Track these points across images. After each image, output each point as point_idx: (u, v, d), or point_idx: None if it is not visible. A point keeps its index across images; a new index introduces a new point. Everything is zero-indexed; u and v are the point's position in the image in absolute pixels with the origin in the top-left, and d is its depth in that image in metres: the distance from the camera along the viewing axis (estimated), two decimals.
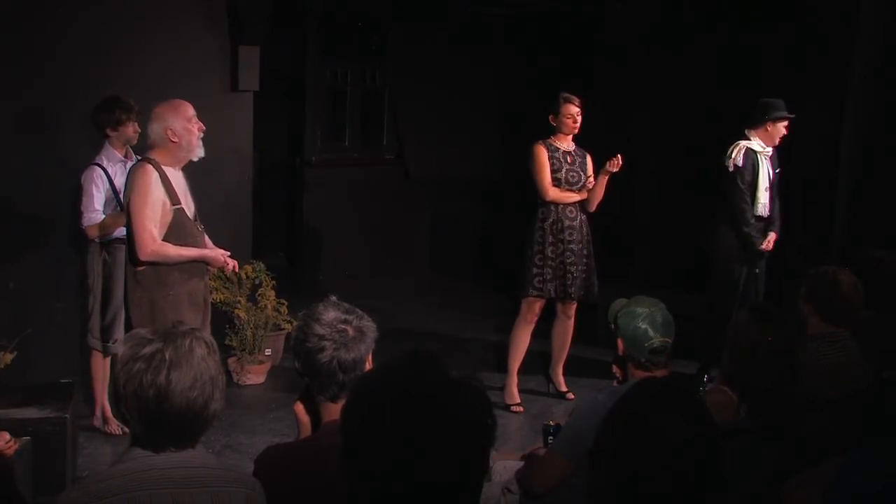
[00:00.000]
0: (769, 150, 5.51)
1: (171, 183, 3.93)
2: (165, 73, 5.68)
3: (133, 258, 3.94)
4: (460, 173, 8.94)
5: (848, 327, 3.42)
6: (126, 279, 4.07)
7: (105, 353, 4.83)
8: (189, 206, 4.05)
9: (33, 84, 5.23)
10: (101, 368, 4.85)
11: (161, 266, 3.91)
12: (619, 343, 2.91)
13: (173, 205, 3.93)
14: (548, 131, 5.37)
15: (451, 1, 8.15)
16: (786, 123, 5.48)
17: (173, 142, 3.93)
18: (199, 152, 4.03)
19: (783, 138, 5.55)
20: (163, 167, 3.92)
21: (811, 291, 3.48)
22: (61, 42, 5.31)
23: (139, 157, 4.00)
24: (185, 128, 3.95)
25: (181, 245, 3.95)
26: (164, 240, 3.90)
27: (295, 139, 8.66)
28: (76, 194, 4.78)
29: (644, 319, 2.87)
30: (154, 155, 3.95)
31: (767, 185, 5.50)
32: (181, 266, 3.96)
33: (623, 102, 7.61)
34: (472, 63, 8.75)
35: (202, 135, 4.02)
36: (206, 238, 4.18)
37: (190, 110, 4.01)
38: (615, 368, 3.03)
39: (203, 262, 4.08)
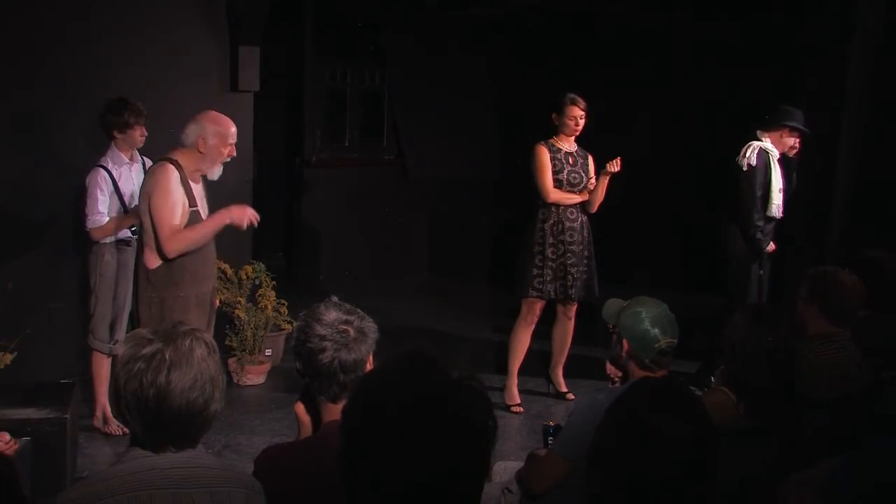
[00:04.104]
0: (777, 153, 5.52)
1: (189, 185, 3.97)
2: (165, 74, 5.69)
3: (156, 256, 3.94)
4: (460, 173, 8.94)
5: (848, 327, 3.43)
6: (136, 278, 4.09)
7: (106, 353, 4.83)
8: (204, 210, 4.07)
9: (33, 85, 5.23)
10: (102, 369, 4.85)
11: (174, 266, 3.94)
12: (625, 343, 2.91)
13: (190, 207, 3.96)
14: (549, 131, 5.37)
15: (451, 1, 8.15)
16: (797, 137, 5.48)
17: (200, 152, 3.94)
18: (216, 172, 4.03)
19: (797, 153, 5.54)
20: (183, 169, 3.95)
21: (817, 292, 3.47)
22: (61, 42, 5.31)
23: (161, 157, 4.00)
24: (216, 145, 3.95)
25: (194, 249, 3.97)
26: None
27: (294, 139, 8.67)
28: (78, 195, 4.78)
29: (651, 320, 2.87)
30: (176, 155, 3.96)
31: (781, 187, 5.50)
32: (192, 268, 3.99)
33: (623, 102, 7.62)
34: (471, 63, 8.75)
35: (229, 159, 4.01)
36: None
37: (231, 133, 4.00)
38: (611, 368, 3.03)
39: (213, 269, 4.06)
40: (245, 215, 4.02)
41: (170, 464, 1.96)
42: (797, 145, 5.54)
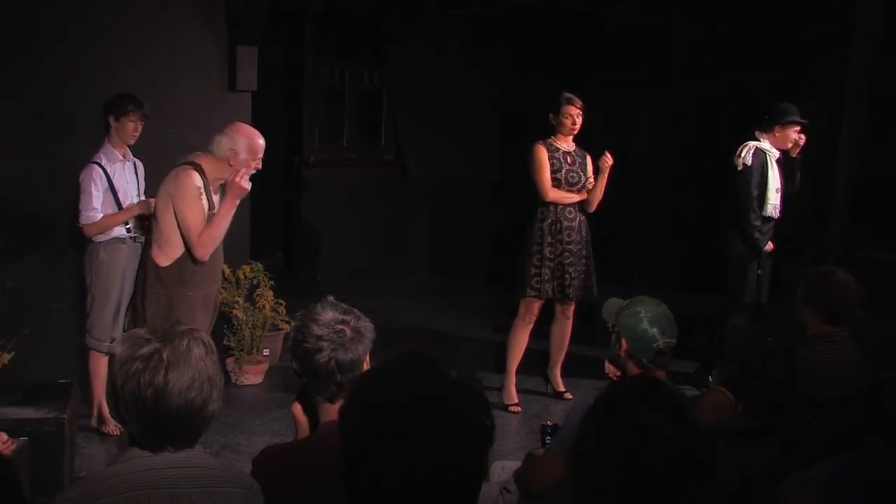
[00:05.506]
0: (776, 153, 5.51)
1: (210, 190, 4.04)
2: (164, 73, 5.69)
3: (166, 255, 4.01)
4: (459, 173, 8.94)
5: (846, 327, 3.43)
6: (144, 275, 4.12)
7: (104, 352, 4.82)
8: None
9: (33, 84, 5.22)
10: (99, 368, 4.84)
11: (186, 266, 4.02)
12: (623, 343, 2.91)
13: (209, 209, 4.02)
14: (548, 131, 5.37)
15: (451, 1, 8.15)
16: (797, 129, 5.47)
17: (230, 164, 3.99)
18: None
19: (800, 151, 5.52)
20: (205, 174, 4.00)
21: (810, 292, 3.49)
22: (61, 42, 5.30)
23: (183, 161, 4.02)
24: (246, 160, 4.00)
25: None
26: None
27: (293, 139, 8.66)
28: (75, 193, 4.78)
29: (650, 320, 2.87)
30: (201, 161, 4.00)
31: (778, 187, 5.50)
32: (203, 269, 4.05)
33: (623, 102, 7.62)
34: (471, 63, 8.76)
35: (254, 171, 4.05)
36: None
37: (261, 147, 4.06)
38: (610, 368, 3.02)
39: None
40: (244, 183, 3.98)
41: (168, 464, 1.96)
42: (800, 140, 5.48)
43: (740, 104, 6.46)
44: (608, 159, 5.19)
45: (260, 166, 4.07)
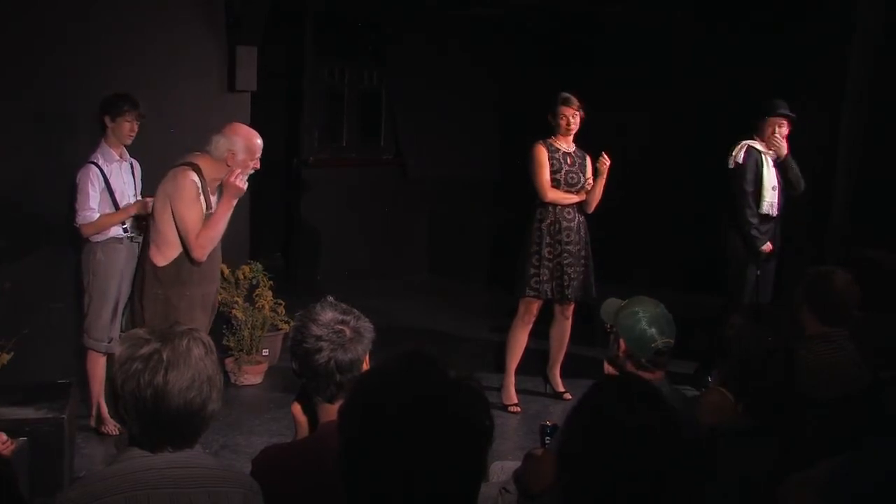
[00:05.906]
0: (772, 152, 5.51)
1: (208, 190, 4.06)
2: (164, 73, 5.69)
3: (164, 255, 4.04)
4: (458, 173, 8.94)
5: (845, 327, 3.43)
6: (142, 274, 4.14)
7: (102, 352, 4.82)
8: None
9: (33, 84, 5.22)
10: (97, 368, 4.84)
11: (184, 266, 4.04)
12: (622, 343, 2.91)
13: (207, 209, 4.05)
14: (548, 131, 5.37)
15: (451, 1, 8.15)
16: (778, 123, 5.47)
17: (228, 165, 4.00)
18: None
19: (788, 146, 5.51)
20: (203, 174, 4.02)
21: (807, 292, 3.49)
22: (61, 42, 5.30)
23: (181, 162, 4.03)
24: (244, 161, 4.02)
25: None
26: None
27: (292, 139, 8.66)
28: (72, 193, 4.78)
29: (648, 321, 2.87)
30: (199, 161, 4.01)
31: (775, 185, 5.50)
32: (201, 269, 4.08)
33: (623, 102, 7.62)
34: (471, 63, 8.75)
35: (253, 171, 4.07)
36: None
37: (258, 146, 4.07)
38: (609, 368, 3.02)
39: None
40: (241, 183, 3.99)
41: (167, 464, 1.96)
42: (779, 132, 5.48)
43: (740, 104, 6.45)
44: (606, 161, 5.19)
45: (258, 166, 4.09)
